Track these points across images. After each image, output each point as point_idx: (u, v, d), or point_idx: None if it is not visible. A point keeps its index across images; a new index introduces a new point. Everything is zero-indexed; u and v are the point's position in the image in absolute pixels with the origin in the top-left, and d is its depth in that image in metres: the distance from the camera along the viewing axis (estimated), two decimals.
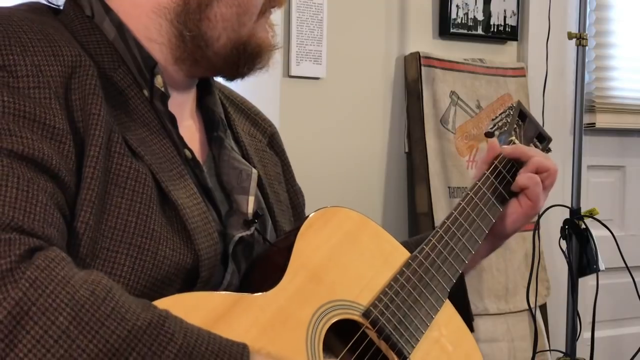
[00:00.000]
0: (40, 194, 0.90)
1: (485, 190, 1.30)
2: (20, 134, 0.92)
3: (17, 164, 0.90)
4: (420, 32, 2.56)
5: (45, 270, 0.84)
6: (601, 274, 2.43)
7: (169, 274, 1.00)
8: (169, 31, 1.08)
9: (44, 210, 0.90)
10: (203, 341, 0.88)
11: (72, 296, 0.83)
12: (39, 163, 0.92)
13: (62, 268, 0.85)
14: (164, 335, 0.86)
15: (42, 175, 0.92)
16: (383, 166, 2.50)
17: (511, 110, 1.43)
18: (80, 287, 0.84)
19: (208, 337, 0.89)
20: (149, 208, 0.99)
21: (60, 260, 0.86)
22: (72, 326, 0.82)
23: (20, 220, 0.87)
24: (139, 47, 1.08)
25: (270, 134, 1.32)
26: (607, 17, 2.96)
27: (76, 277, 0.85)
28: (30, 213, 0.88)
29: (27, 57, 0.96)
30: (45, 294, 0.83)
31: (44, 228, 0.89)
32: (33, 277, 0.83)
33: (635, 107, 3.00)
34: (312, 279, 1.05)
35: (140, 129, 1.05)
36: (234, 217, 1.12)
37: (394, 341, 1.09)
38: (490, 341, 2.54)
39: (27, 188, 0.90)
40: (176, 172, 1.05)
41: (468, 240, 1.25)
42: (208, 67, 1.12)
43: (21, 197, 0.89)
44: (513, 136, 1.40)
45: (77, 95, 0.98)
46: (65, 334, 0.82)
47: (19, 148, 0.91)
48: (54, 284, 0.84)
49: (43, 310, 0.82)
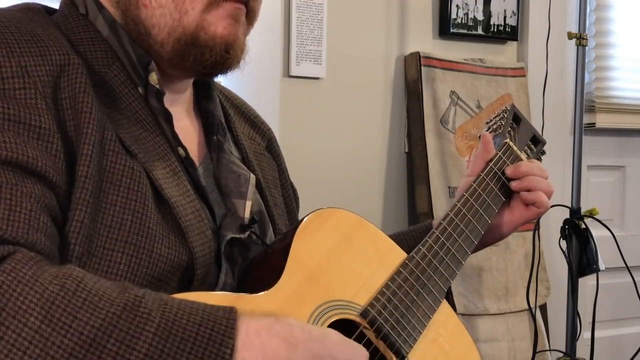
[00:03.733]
0: (24, 200, 0.90)
1: (480, 191, 1.31)
2: (3, 139, 0.92)
3: (1, 170, 0.90)
4: (420, 32, 2.56)
5: (12, 272, 0.83)
6: (601, 274, 2.42)
7: (165, 272, 1.00)
8: (123, 22, 1.08)
9: (29, 217, 0.89)
10: (184, 314, 0.86)
11: (41, 294, 0.83)
12: (24, 166, 0.91)
13: (30, 268, 0.85)
14: (140, 316, 0.84)
15: (28, 179, 0.91)
16: (383, 166, 2.50)
17: (505, 114, 1.43)
18: (50, 284, 0.84)
19: (190, 308, 0.87)
20: (144, 206, 0.99)
21: (28, 260, 0.86)
22: (44, 325, 0.82)
23: (2, 229, 0.87)
24: (133, 43, 1.08)
25: (269, 138, 1.32)
26: (607, 17, 2.96)
27: (45, 274, 0.85)
28: (14, 221, 0.88)
29: (12, 59, 0.96)
30: (13, 297, 0.82)
31: (28, 234, 0.89)
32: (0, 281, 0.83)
33: (635, 107, 3.00)
34: (310, 279, 1.05)
35: (133, 127, 1.04)
36: (230, 219, 1.12)
37: (392, 340, 1.10)
38: (490, 341, 2.53)
39: (10, 195, 0.89)
40: (169, 170, 1.05)
41: (464, 241, 1.25)
42: (163, 61, 1.09)
43: (3, 205, 0.89)
44: (508, 138, 1.40)
45: (67, 94, 0.98)
46: (38, 333, 0.81)
47: (2, 153, 0.91)
48: (22, 285, 0.83)
49: (13, 314, 0.81)
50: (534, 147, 1.47)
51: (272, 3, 2.24)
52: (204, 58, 1.07)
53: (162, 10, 1.05)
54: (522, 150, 1.43)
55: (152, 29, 1.06)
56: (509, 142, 1.39)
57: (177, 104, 1.14)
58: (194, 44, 1.06)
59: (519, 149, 1.41)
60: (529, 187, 1.35)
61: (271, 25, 2.25)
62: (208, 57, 1.07)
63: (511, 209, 1.37)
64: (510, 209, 1.37)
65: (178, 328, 0.84)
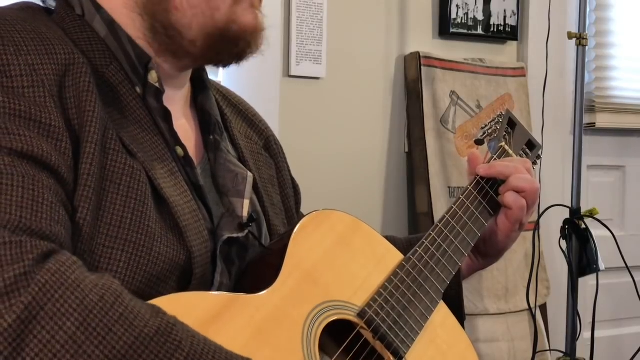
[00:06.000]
0: (45, 192, 0.91)
1: (476, 194, 1.30)
2: (18, 132, 0.92)
3: (19, 162, 0.91)
4: (420, 32, 2.56)
5: (56, 274, 0.84)
6: (601, 274, 2.42)
7: (164, 271, 1.00)
8: (143, 25, 1.08)
9: (50, 209, 0.90)
10: (210, 350, 0.88)
11: (82, 301, 0.84)
12: (40, 160, 0.92)
13: (73, 272, 0.86)
14: (171, 342, 0.86)
15: (44, 172, 0.92)
16: (383, 166, 2.50)
17: (500, 118, 1.43)
18: (90, 292, 0.85)
19: (215, 347, 0.89)
20: (143, 205, 0.99)
21: (72, 264, 0.86)
22: (79, 332, 0.82)
23: (29, 220, 0.88)
24: (133, 43, 1.08)
25: (267, 137, 1.31)
26: (607, 17, 2.96)
27: (87, 281, 0.85)
28: (38, 212, 0.89)
29: (20, 57, 0.97)
30: (54, 298, 0.83)
31: (51, 227, 0.89)
32: (43, 281, 0.83)
33: (635, 107, 3.00)
34: (307, 280, 1.05)
35: (132, 126, 1.05)
36: (228, 219, 1.12)
37: (389, 341, 1.10)
38: (490, 341, 2.54)
39: (32, 186, 0.90)
40: (167, 170, 1.05)
41: (461, 243, 1.25)
42: (188, 57, 1.11)
43: (27, 196, 0.89)
44: (503, 142, 1.39)
45: (72, 93, 0.98)
46: (72, 339, 0.82)
47: (19, 146, 0.91)
48: (64, 288, 0.84)
49: (51, 315, 0.82)
50: (529, 152, 1.46)
51: (272, 3, 2.24)
52: (238, 49, 1.10)
53: (194, 11, 1.07)
54: (518, 155, 1.42)
55: (183, 29, 1.07)
56: (504, 145, 1.39)
57: (175, 102, 1.14)
58: (226, 36, 1.08)
59: (515, 154, 1.40)
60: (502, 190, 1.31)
61: (271, 25, 2.24)
62: (242, 47, 1.10)
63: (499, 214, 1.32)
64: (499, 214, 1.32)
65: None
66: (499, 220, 1.31)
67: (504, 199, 1.30)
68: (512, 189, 1.29)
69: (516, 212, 1.29)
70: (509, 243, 1.34)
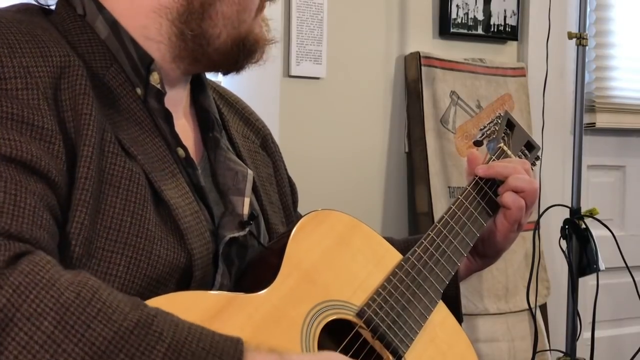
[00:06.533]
0: (29, 197, 0.90)
1: (475, 194, 1.30)
2: (7, 137, 0.92)
3: (5, 166, 0.90)
4: (420, 32, 2.56)
5: (29, 274, 0.83)
6: (601, 274, 2.42)
7: (163, 274, 1.00)
8: (169, 30, 1.09)
9: (33, 213, 0.90)
10: (194, 338, 0.86)
11: (57, 299, 0.83)
12: (28, 165, 0.92)
13: (47, 271, 0.85)
14: (152, 334, 0.85)
15: (31, 177, 0.92)
16: (383, 166, 2.50)
17: (499, 119, 1.43)
18: (66, 290, 0.84)
19: (200, 333, 0.88)
20: (143, 208, 0.99)
21: (45, 263, 0.86)
22: (57, 330, 0.82)
23: (7, 224, 0.87)
24: (135, 45, 1.08)
25: (263, 135, 1.32)
26: (607, 17, 2.96)
27: (62, 279, 0.85)
28: (19, 216, 0.88)
29: (14, 59, 0.97)
30: (29, 299, 0.82)
31: (32, 231, 0.89)
32: (17, 282, 0.83)
33: (635, 107, 3.00)
34: (306, 280, 1.06)
35: (132, 128, 1.05)
36: (228, 218, 1.12)
37: (388, 340, 1.10)
38: (490, 341, 2.54)
39: (15, 191, 0.90)
40: (168, 172, 1.06)
41: (460, 243, 1.25)
42: (208, 63, 1.14)
43: (9, 201, 0.89)
44: (502, 143, 1.39)
45: (67, 96, 0.98)
46: (50, 338, 0.81)
47: (7, 150, 0.91)
48: (39, 288, 0.83)
49: (27, 316, 0.81)
50: (528, 153, 1.46)
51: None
52: (255, 57, 1.16)
53: (225, 22, 1.10)
54: (516, 156, 1.42)
55: (212, 38, 1.10)
56: (503, 146, 1.39)
57: (175, 102, 1.14)
58: (244, 45, 1.13)
59: (513, 155, 1.40)
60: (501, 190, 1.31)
61: (271, 25, 2.25)
62: (257, 55, 1.16)
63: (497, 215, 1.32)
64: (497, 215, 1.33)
65: (187, 351, 0.85)
66: (498, 221, 1.31)
67: (503, 199, 1.30)
68: (510, 189, 1.29)
69: (515, 212, 1.29)
70: (507, 244, 1.34)
